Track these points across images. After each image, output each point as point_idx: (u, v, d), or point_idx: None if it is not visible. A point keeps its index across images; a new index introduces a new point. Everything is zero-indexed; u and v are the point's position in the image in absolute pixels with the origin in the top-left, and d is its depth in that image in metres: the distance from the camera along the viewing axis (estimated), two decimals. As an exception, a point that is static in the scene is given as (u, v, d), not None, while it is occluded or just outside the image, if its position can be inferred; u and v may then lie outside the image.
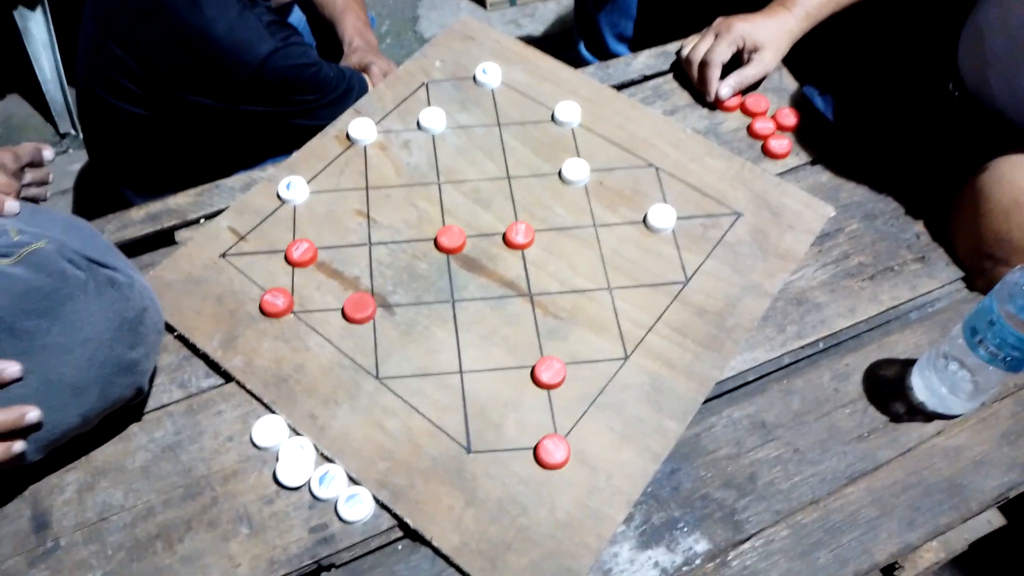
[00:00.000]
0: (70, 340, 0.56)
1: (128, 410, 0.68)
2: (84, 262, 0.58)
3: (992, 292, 0.61)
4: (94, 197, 1.66)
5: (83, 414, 0.58)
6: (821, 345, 0.74)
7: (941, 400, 0.67)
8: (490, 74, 0.90)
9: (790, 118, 0.88)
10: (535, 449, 0.65)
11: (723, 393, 0.71)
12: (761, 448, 0.67)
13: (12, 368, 0.53)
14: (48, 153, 0.76)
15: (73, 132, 1.81)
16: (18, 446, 0.55)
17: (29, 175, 0.75)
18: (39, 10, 1.63)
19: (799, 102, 0.91)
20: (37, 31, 1.65)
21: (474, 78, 0.91)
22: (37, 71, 1.70)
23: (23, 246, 0.55)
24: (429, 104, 0.89)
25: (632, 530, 0.63)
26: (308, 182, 0.82)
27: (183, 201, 0.83)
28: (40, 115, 1.85)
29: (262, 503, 0.63)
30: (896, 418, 0.69)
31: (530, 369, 0.69)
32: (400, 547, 0.63)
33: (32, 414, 0.54)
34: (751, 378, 0.72)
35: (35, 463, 0.62)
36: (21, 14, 1.62)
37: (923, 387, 0.69)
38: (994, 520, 0.69)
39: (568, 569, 0.60)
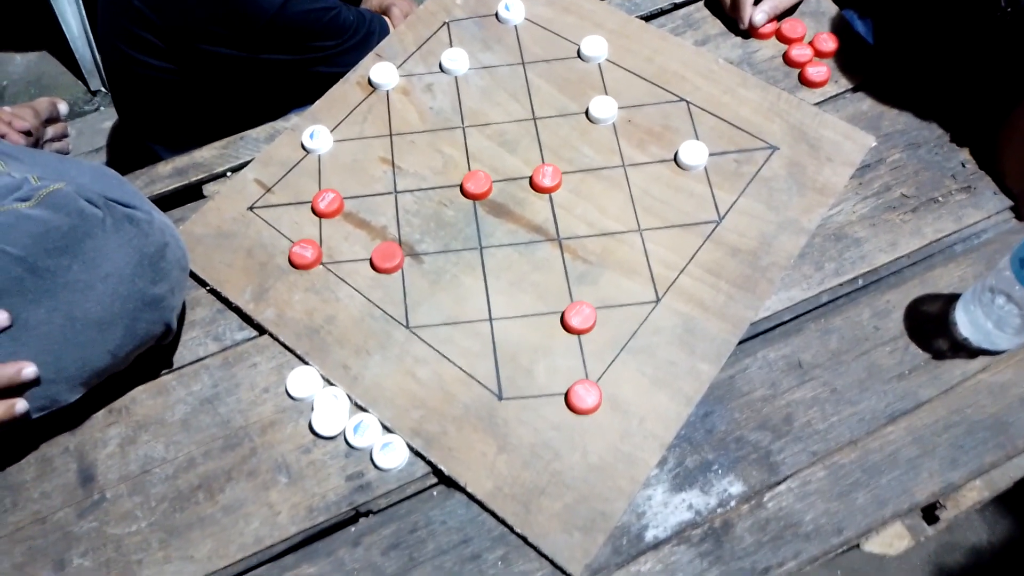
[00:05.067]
0: (91, 276, 0.57)
1: (166, 362, 0.69)
2: (102, 200, 0.59)
3: (1043, 222, 0.58)
4: (126, 153, 1.67)
5: (112, 351, 0.60)
6: (860, 282, 0.71)
7: (986, 335, 0.65)
8: (513, 10, 0.87)
9: (828, 43, 0.84)
10: (566, 395, 0.65)
11: (758, 334, 0.69)
12: (797, 389, 0.66)
13: (29, 369, 0.55)
14: (63, 107, 0.77)
15: (104, 89, 1.82)
16: (20, 405, 0.56)
17: (51, 130, 0.76)
18: (61, -35, 1.62)
19: (838, 26, 0.87)
20: (61, -13, 1.64)
21: (496, 15, 0.88)
22: (65, 30, 1.70)
23: (42, 189, 0.56)
24: (451, 44, 0.87)
25: (665, 473, 0.63)
26: (331, 131, 0.81)
27: (209, 154, 0.83)
28: (71, 73, 1.86)
29: (299, 452, 0.65)
30: (939, 355, 0.67)
31: (560, 314, 0.69)
32: (435, 493, 0.64)
33: (28, 370, 0.55)
34: (787, 318, 0.70)
35: (77, 411, 0.65)
36: (44, -30, 1.61)
37: (968, 322, 0.66)
38: (1042, 456, 0.68)
39: (602, 513, 0.60)
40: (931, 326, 0.68)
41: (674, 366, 0.66)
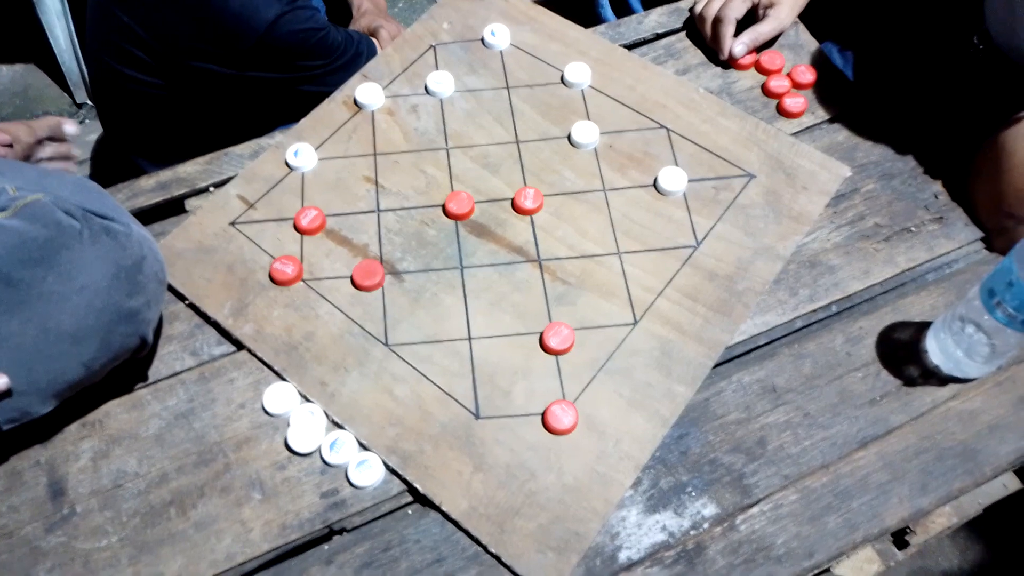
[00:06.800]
0: (66, 288, 0.56)
1: (141, 376, 0.69)
2: (80, 212, 0.58)
3: (1012, 252, 0.59)
4: (110, 167, 1.67)
5: (86, 363, 0.59)
6: (834, 308, 0.72)
7: (956, 363, 0.66)
8: (498, 35, 0.89)
9: (806, 75, 0.86)
10: (543, 415, 0.65)
11: (733, 357, 0.70)
12: (771, 412, 0.67)
13: (0, 380, 0.54)
14: (70, 128, 0.76)
15: (90, 103, 1.82)
16: None
17: (50, 149, 0.75)
18: (51, -21, 1.62)
19: (816, 59, 0.89)
20: (50, 1, 1.64)
21: (482, 40, 0.90)
22: (52, 42, 1.70)
23: (19, 199, 0.56)
24: (437, 67, 0.88)
25: (640, 494, 0.63)
26: (316, 149, 0.82)
27: (192, 169, 0.83)
28: (57, 86, 1.86)
29: (274, 469, 0.64)
30: (910, 382, 0.68)
31: (539, 335, 0.69)
32: (410, 512, 0.63)
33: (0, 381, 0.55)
34: (762, 342, 0.71)
35: (50, 424, 0.64)
36: (33, -17, 1.61)
37: (938, 350, 0.67)
38: (1010, 484, 0.68)
39: (576, 533, 0.61)
40: (902, 353, 0.70)
41: (651, 388, 0.67)
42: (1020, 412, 0.66)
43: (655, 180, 0.78)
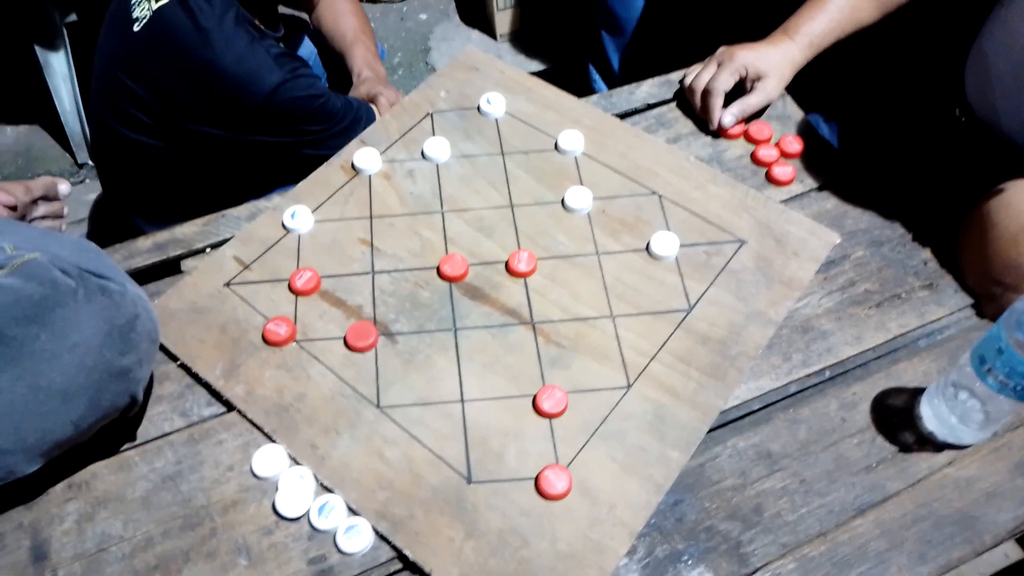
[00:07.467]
0: (58, 346, 0.56)
1: (130, 436, 0.68)
2: (76, 271, 0.59)
3: (1000, 320, 0.60)
4: (108, 226, 1.68)
5: (75, 421, 0.59)
6: (828, 374, 0.73)
7: (951, 430, 0.66)
8: (494, 104, 0.91)
9: (794, 145, 0.88)
10: (536, 479, 0.64)
11: (728, 423, 0.70)
12: (767, 479, 0.66)
13: None
14: (63, 188, 0.78)
15: (91, 163, 1.84)
16: None
17: (43, 208, 0.76)
18: (60, 44, 1.67)
19: (803, 129, 0.91)
20: (57, 65, 1.68)
21: (478, 108, 0.92)
22: (57, 103, 1.74)
23: (16, 258, 0.56)
24: (434, 134, 0.90)
25: (635, 563, 0.62)
26: (313, 211, 0.83)
27: (189, 231, 0.84)
28: (59, 146, 1.89)
29: (261, 534, 0.63)
30: (905, 448, 0.68)
31: (532, 398, 0.69)
32: (399, 579, 0.62)
33: None
34: (756, 407, 0.71)
35: (35, 484, 0.63)
36: (42, 48, 1.65)
37: (932, 416, 0.67)
38: (1011, 553, 0.68)
39: (569, 603, 0.59)
40: (897, 419, 0.69)
41: (644, 452, 0.66)
42: (1017, 479, 0.66)
43: (647, 244, 0.79)
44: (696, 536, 0.63)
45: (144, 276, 0.81)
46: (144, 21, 1.00)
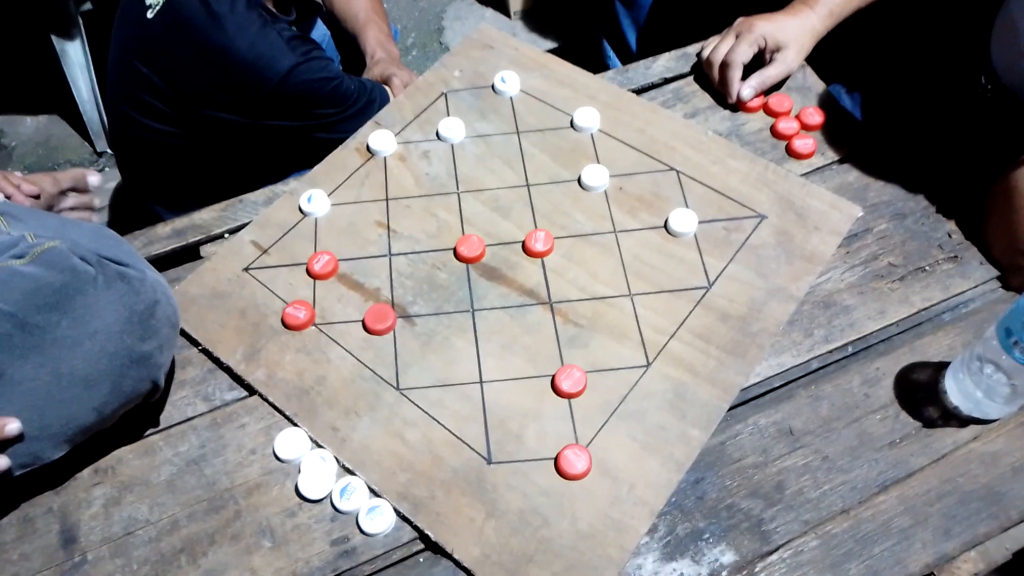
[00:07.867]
0: (79, 332, 0.57)
1: (153, 421, 0.69)
2: (95, 258, 0.59)
3: (1027, 292, 0.59)
4: (128, 214, 1.70)
5: (97, 408, 0.59)
6: (850, 349, 0.72)
7: (976, 404, 0.65)
8: (508, 82, 0.90)
9: (815, 117, 0.86)
10: (556, 459, 0.64)
11: (749, 400, 0.69)
12: (789, 456, 0.66)
13: (12, 425, 0.55)
14: (93, 179, 0.78)
15: (110, 151, 1.86)
16: (2, 462, 0.56)
17: (72, 199, 0.77)
18: (76, 33, 1.67)
19: (824, 101, 0.89)
20: (74, 54, 1.69)
21: (493, 87, 0.91)
22: (75, 92, 1.75)
23: (37, 246, 0.57)
24: (448, 114, 0.89)
25: (656, 541, 0.62)
26: (329, 195, 0.83)
27: (208, 216, 0.84)
28: (78, 135, 1.90)
29: (284, 516, 0.64)
30: (929, 423, 0.67)
31: (550, 378, 0.69)
32: (421, 559, 0.62)
33: (12, 426, 0.55)
34: (777, 384, 0.70)
35: (62, 470, 0.64)
36: (58, 38, 1.66)
37: (957, 391, 0.66)
38: (1038, 529, 0.67)
39: (590, 581, 0.59)
40: (921, 394, 0.68)
41: (664, 431, 0.66)
42: (1044, 454, 0.65)
43: (666, 222, 0.78)
44: (717, 514, 0.63)
45: (164, 262, 0.81)
46: (157, 8, 1.00)
